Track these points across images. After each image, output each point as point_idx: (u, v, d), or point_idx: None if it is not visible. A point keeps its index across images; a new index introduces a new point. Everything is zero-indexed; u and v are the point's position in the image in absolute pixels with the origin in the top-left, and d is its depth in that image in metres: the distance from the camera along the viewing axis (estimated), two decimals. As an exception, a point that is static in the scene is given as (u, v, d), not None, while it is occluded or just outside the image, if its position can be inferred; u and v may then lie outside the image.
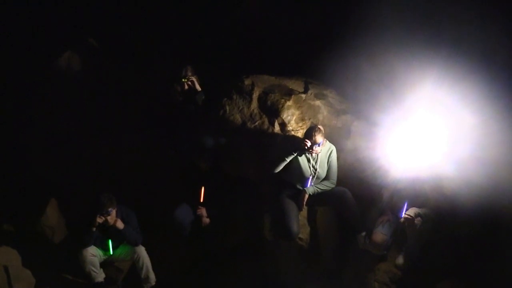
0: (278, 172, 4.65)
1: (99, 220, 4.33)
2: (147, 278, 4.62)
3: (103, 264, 4.57)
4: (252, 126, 4.96)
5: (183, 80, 5.18)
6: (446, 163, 4.22)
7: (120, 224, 4.45)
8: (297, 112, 4.97)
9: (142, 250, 4.60)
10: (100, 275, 4.46)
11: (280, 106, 4.95)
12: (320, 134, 4.46)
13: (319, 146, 4.47)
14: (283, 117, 4.93)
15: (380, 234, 4.40)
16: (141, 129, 5.45)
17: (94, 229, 4.39)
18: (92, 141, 5.45)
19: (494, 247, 3.94)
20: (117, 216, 4.44)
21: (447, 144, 4.27)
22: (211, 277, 4.85)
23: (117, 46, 5.93)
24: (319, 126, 4.54)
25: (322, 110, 4.96)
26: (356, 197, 4.57)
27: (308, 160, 4.60)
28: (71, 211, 5.02)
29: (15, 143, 5.52)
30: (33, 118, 5.60)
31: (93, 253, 4.42)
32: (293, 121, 4.93)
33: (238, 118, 5.01)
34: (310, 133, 4.48)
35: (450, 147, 4.25)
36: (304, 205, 4.67)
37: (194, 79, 5.20)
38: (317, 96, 5.05)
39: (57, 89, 5.61)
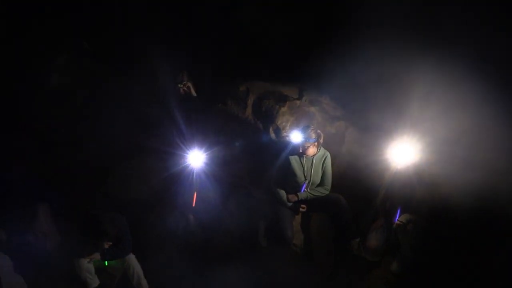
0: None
1: (106, 246, 4.34)
2: (139, 285, 4.60)
3: (96, 270, 4.54)
4: (247, 132, 4.98)
5: (179, 85, 5.19)
6: (440, 167, 4.26)
7: None
8: (291, 118, 4.99)
9: (132, 258, 4.59)
10: (95, 281, 4.44)
11: (275, 112, 4.98)
12: (314, 132, 4.50)
13: (310, 141, 4.48)
14: (278, 123, 4.96)
15: (374, 240, 4.43)
16: (134, 134, 5.42)
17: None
18: (85, 145, 5.42)
19: (489, 251, 3.98)
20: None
21: (441, 148, 4.32)
22: (204, 283, 4.83)
23: (112, 50, 5.92)
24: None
25: (317, 116, 5.00)
26: (350, 203, 4.59)
27: (302, 166, 4.62)
28: (64, 217, 4.98)
29: (7, 148, 5.47)
30: (27, 122, 5.56)
31: (89, 261, 4.40)
32: (287, 127, 4.95)
33: (233, 124, 5.02)
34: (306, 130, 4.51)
35: (444, 151, 4.29)
36: (300, 209, 4.67)
37: (190, 84, 5.21)
38: (312, 103, 5.09)
39: (52, 94, 5.59)
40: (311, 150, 4.56)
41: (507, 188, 3.91)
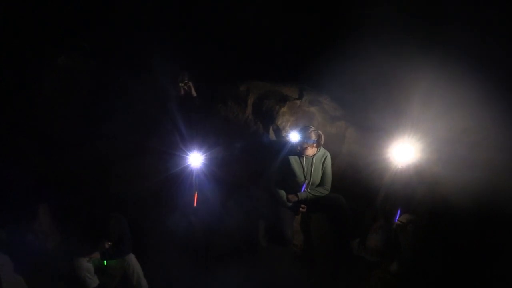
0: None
1: (107, 245, 4.34)
2: (138, 285, 4.59)
3: (96, 270, 4.54)
4: (247, 132, 4.97)
5: (180, 84, 5.19)
6: (440, 167, 4.26)
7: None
8: (291, 119, 4.99)
9: (132, 258, 4.58)
10: (94, 282, 4.43)
11: (275, 112, 4.98)
12: (314, 133, 4.48)
13: (310, 142, 4.47)
14: (278, 123, 4.95)
15: (374, 240, 4.43)
16: (134, 134, 5.43)
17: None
18: (86, 145, 5.43)
19: (490, 251, 3.97)
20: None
21: (441, 147, 4.31)
22: (204, 283, 4.82)
23: (112, 50, 5.93)
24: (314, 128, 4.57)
25: (317, 116, 5.00)
26: (350, 203, 4.58)
27: (302, 166, 4.61)
28: (64, 217, 4.99)
29: (7, 147, 5.49)
30: (27, 122, 5.58)
31: (88, 260, 4.41)
32: (287, 127, 4.95)
33: (233, 124, 5.01)
34: (305, 130, 4.49)
35: (444, 150, 4.28)
36: (300, 209, 4.67)
37: (190, 84, 5.21)
38: (312, 103, 5.08)
39: (52, 94, 5.60)
40: (310, 151, 4.55)
41: (508, 188, 3.91)
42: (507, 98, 4.15)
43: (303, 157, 4.59)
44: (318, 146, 4.57)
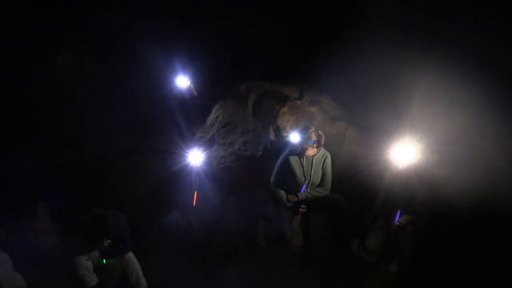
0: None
1: (106, 244, 4.34)
2: (138, 284, 4.59)
3: (95, 269, 4.54)
4: (247, 131, 4.97)
5: (182, 83, 5.21)
6: (440, 167, 4.25)
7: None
8: (292, 118, 4.99)
9: (131, 257, 4.58)
10: (93, 280, 4.43)
11: (275, 112, 4.97)
12: (314, 134, 4.48)
13: (311, 143, 4.47)
14: (278, 123, 4.95)
15: (374, 240, 4.43)
16: (135, 133, 5.44)
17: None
18: (85, 144, 5.44)
19: (490, 251, 3.97)
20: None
21: (441, 148, 4.31)
22: (204, 282, 4.82)
23: (112, 49, 5.93)
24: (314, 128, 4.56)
25: (317, 116, 4.99)
26: (350, 204, 4.58)
27: (302, 167, 4.61)
28: (64, 215, 5.00)
29: (8, 147, 5.49)
30: (27, 122, 5.58)
31: (87, 258, 4.41)
32: (288, 127, 4.95)
33: (233, 123, 5.01)
34: (306, 131, 4.49)
35: (444, 151, 4.28)
36: (300, 209, 4.66)
37: (191, 84, 5.22)
38: (312, 103, 5.08)
39: (52, 94, 5.61)
40: (311, 151, 4.55)
41: (508, 188, 3.91)
42: (507, 98, 4.14)
43: (303, 157, 4.59)
44: (318, 147, 4.57)
